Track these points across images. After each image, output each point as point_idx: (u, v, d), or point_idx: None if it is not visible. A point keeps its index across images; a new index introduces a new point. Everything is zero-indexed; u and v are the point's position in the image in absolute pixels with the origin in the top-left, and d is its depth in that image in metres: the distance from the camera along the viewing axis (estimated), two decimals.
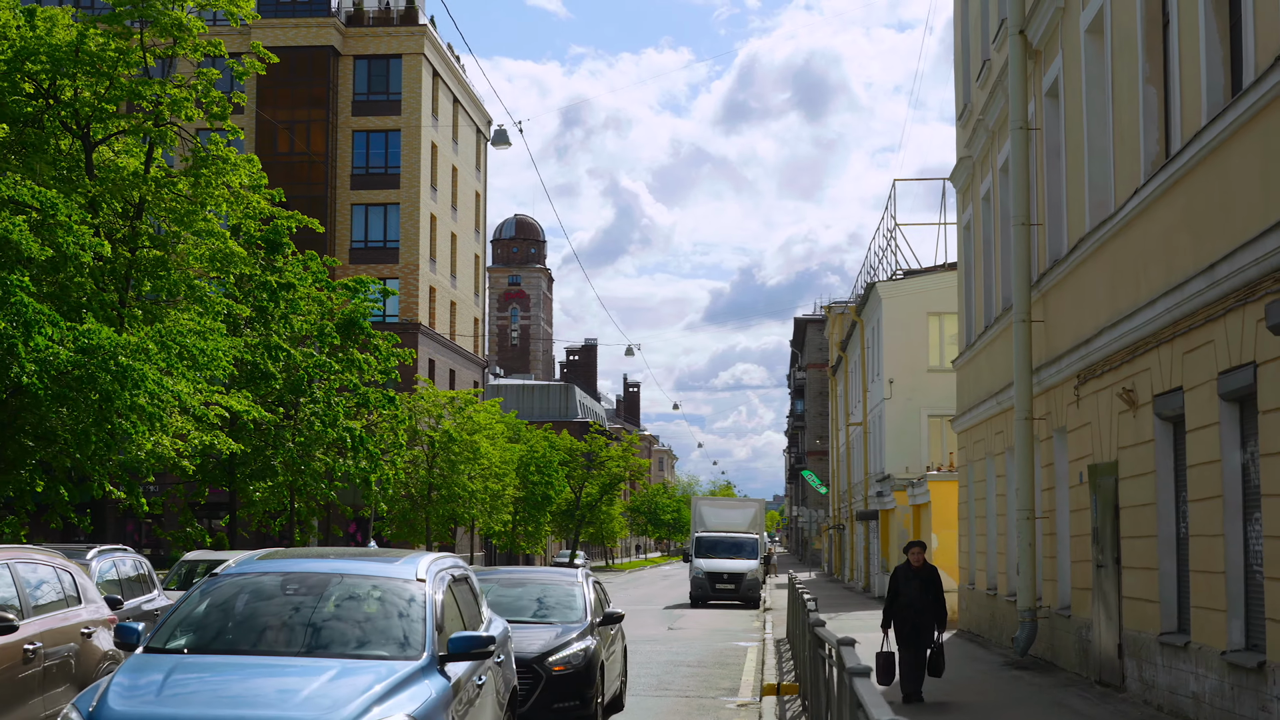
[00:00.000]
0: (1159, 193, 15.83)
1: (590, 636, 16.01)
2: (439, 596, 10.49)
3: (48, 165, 29.69)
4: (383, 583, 10.46)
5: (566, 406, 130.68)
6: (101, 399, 24.00)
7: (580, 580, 17.60)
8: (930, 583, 18.01)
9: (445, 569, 11.32)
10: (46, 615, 12.54)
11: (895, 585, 18.15)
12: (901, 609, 17.92)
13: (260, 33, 75.07)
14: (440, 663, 9.81)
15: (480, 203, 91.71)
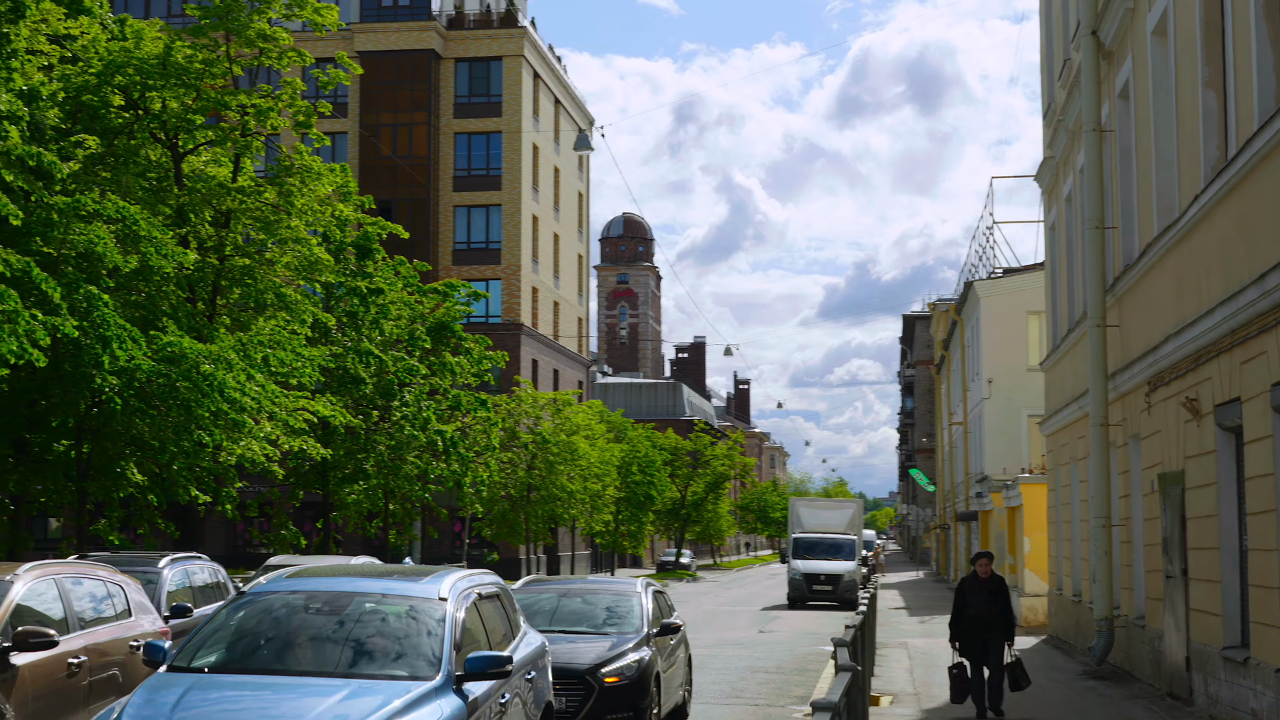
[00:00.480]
0: (1216, 199, 15.55)
1: (646, 647, 15.90)
2: (460, 615, 10.49)
3: (137, 177, 30.31)
4: (403, 602, 10.51)
5: (674, 405, 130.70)
6: (182, 408, 24.47)
7: (639, 591, 17.35)
8: (997, 594, 17.52)
9: (471, 587, 11.32)
10: (94, 629, 12.80)
11: (962, 597, 17.61)
12: (969, 622, 17.45)
13: (362, 37, 76.13)
14: (457, 682, 9.82)
15: (583, 203, 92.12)
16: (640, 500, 74.32)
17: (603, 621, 16.67)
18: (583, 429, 59.18)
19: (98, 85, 30.15)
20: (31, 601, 12.25)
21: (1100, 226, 22.22)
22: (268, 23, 32.06)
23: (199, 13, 32.09)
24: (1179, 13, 17.74)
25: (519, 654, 11.71)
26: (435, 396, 40.60)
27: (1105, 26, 22.28)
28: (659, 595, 18.04)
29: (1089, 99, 22.72)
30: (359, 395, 36.89)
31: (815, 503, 58.39)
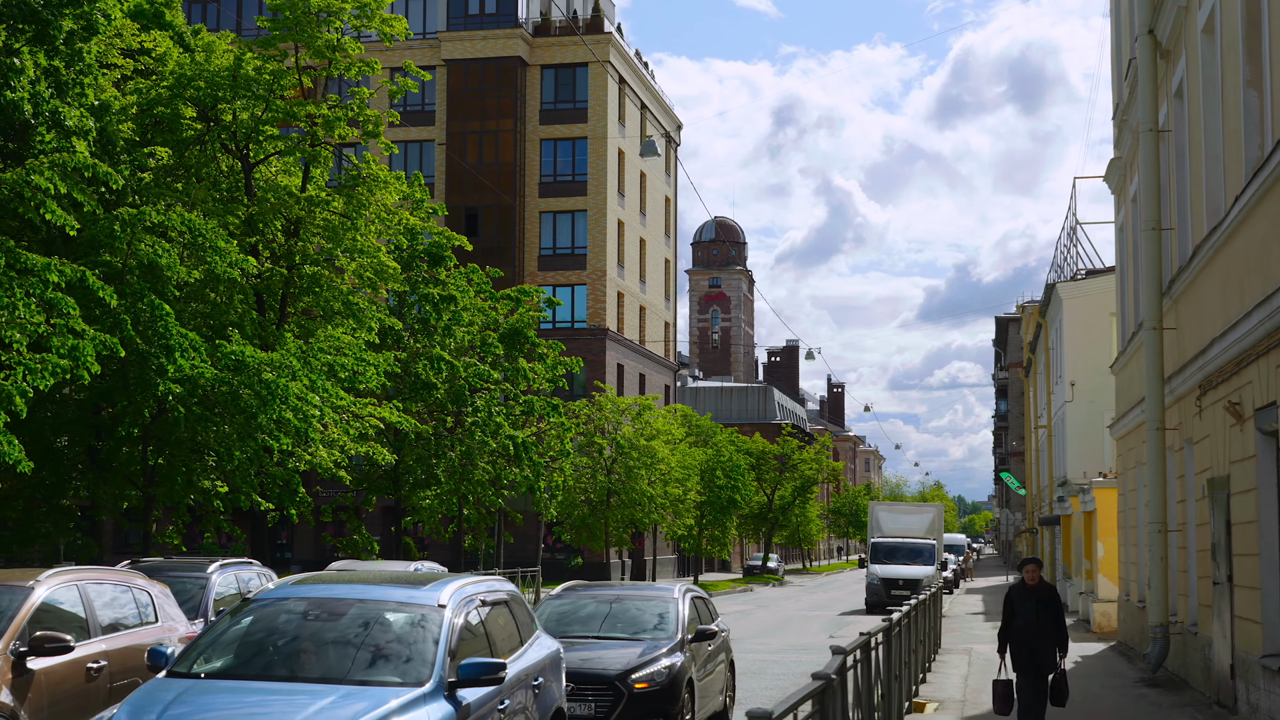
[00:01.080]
0: (1255, 199, 15.29)
1: (679, 653, 15.94)
2: (458, 622, 10.60)
3: (207, 187, 30.80)
4: (401, 609, 10.63)
5: (764, 409, 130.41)
6: (245, 415, 24.82)
7: (676, 597, 17.32)
8: (1047, 603, 16.60)
9: (475, 594, 11.42)
10: (115, 635, 13.05)
11: (1010, 606, 16.77)
12: (1018, 632, 16.56)
13: (449, 45, 76.76)
14: (450, 689, 9.92)
15: (670, 207, 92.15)
16: (724, 504, 74.07)
17: (637, 627, 16.70)
18: (663, 433, 59.10)
19: (170, 98, 30.68)
20: (53, 607, 12.51)
21: (1157, 228, 21.91)
22: (338, 34, 32.35)
23: (269, 24, 32.53)
24: (1224, 10, 17.46)
25: (526, 661, 11.79)
26: (508, 402, 40.80)
27: (1161, 25, 21.97)
28: (698, 601, 17.99)
29: (1146, 99, 22.44)
30: (431, 401, 37.15)
31: (895, 507, 58.01)
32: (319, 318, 32.37)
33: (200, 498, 28.18)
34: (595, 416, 56.99)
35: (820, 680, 8.90)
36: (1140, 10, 22.53)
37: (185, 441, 26.34)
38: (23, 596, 12.25)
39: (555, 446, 44.82)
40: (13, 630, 11.85)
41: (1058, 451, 55.58)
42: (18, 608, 12.11)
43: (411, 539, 47.77)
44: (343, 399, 28.58)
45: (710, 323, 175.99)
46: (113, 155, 28.69)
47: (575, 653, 15.35)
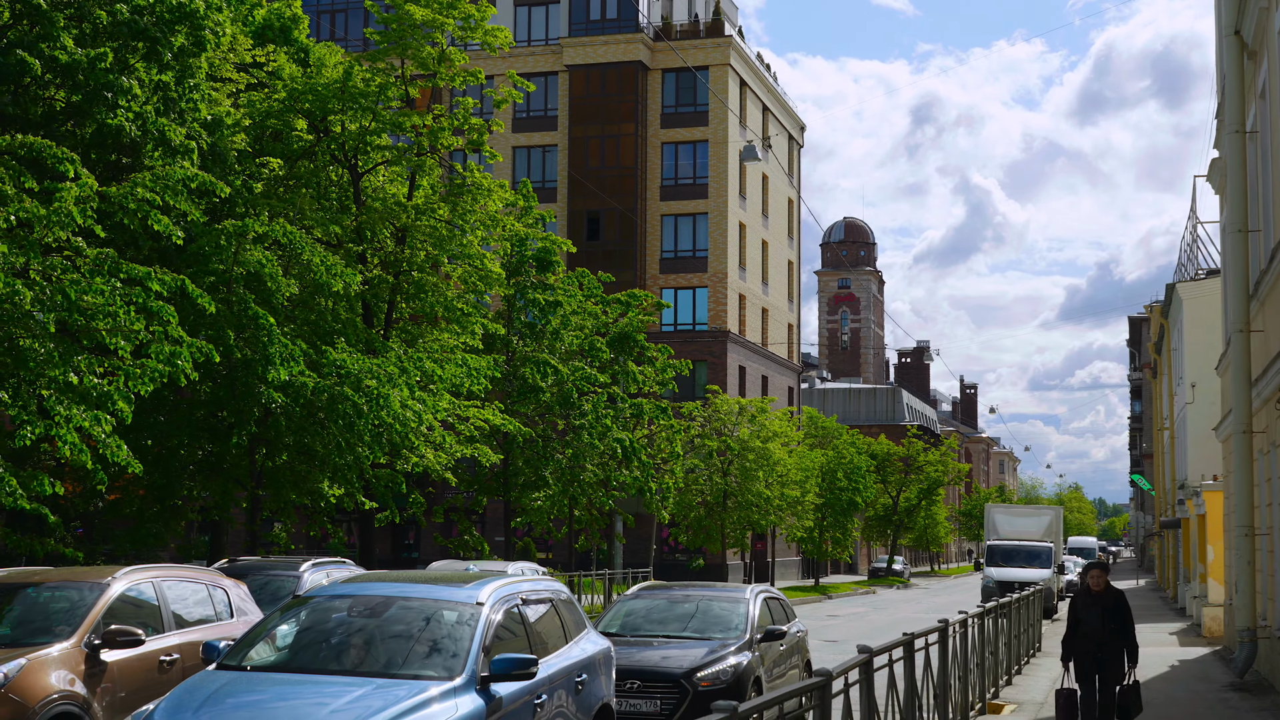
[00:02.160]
0: None
1: (747, 652, 16.10)
2: (495, 619, 10.99)
3: (314, 197, 31.71)
4: (439, 605, 11.05)
5: (893, 410, 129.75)
6: (346, 421, 25.59)
7: (747, 597, 17.43)
8: (1114, 611, 15.89)
9: (517, 593, 11.81)
10: (190, 629, 13.72)
11: (1075, 613, 16.10)
12: (1081, 640, 15.88)
13: (571, 51, 77.60)
14: (482, 683, 10.30)
15: (793, 209, 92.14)
16: (844, 506, 73.99)
17: (707, 627, 16.82)
18: (780, 435, 59.22)
19: (282, 110, 31.64)
20: (129, 603, 13.22)
21: (1244, 230, 21.77)
22: (441, 46, 33.10)
23: (378, 37, 33.37)
24: None
25: (568, 659, 12.10)
26: (616, 405, 41.31)
27: (1246, 25, 21.80)
28: (770, 602, 18.09)
29: (1233, 99, 22.28)
30: (538, 404, 37.80)
31: (1012, 509, 57.59)
32: (425, 323, 33.12)
33: (308, 500, 29.03)
34: (711, 418, 57.27)
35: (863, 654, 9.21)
36: (1227, 10, 22.37)
37: (291, 446, 27.18)
38: (98, 593, 12.99)
39: (665, 449, 45.22)
40: (87, 624, 12.57)
41: (1179, 454, 54.81)
42: (93, 603, 12.84)
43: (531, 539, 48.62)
44: (444, 405, 29.22)
45: (839, 324, 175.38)
46: (224, 167, 29.66)
47: (644, 651, 15.74)
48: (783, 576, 79.61)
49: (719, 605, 17.37)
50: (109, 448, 19.79)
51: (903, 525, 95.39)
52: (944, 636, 15.41)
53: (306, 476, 28.19)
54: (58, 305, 18.89)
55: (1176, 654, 30.20)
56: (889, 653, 12.42)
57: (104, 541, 34.10)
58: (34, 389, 19.24)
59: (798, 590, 69.12)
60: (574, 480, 39.76)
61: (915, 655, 13.41)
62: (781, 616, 18.25)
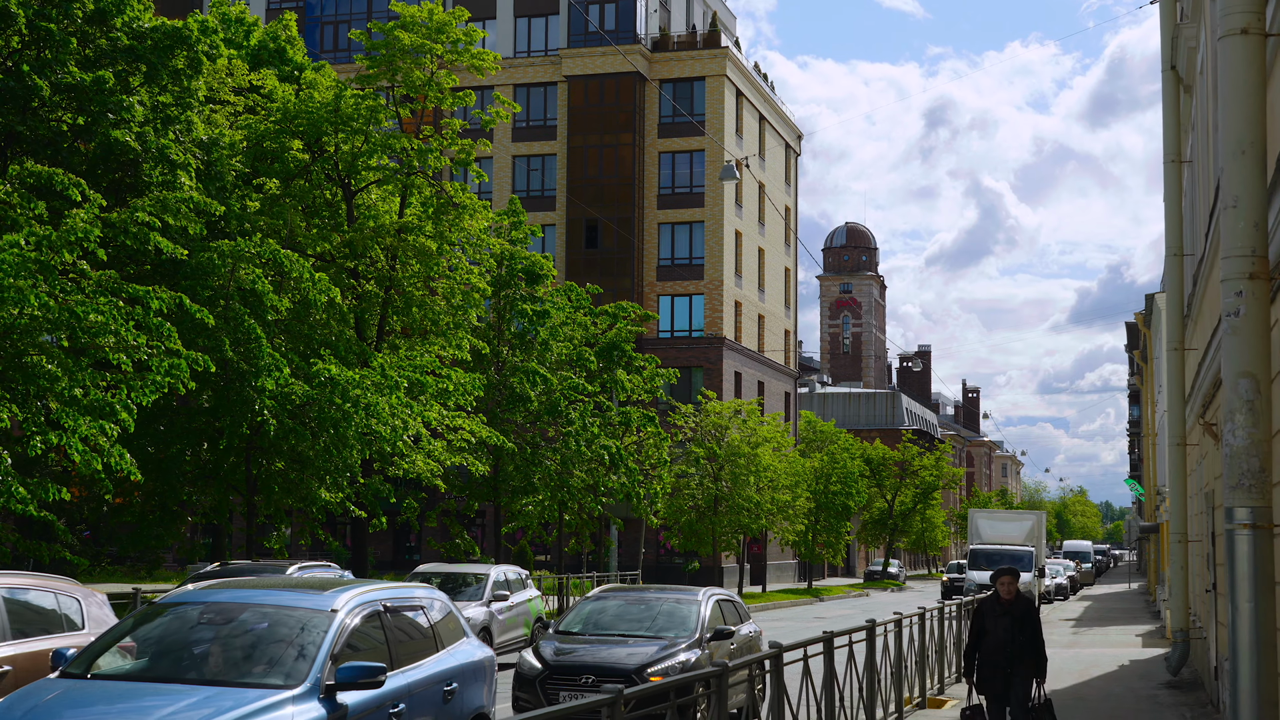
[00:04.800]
0: (1213, 241, 16.55)
1: (697, 650, 16.96)
2: (349, 625, 10.85)
3: (304, 215, 33.18)
4: (289, 613, 10.84)
5: (892, 414, 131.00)
6: (333, 429, 27.02)
7: (699, 599, 18.26)
8: (1024, 621, 14.74)
9: (377, 600, 11.57)
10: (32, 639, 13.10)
11: (980, 623, 14.86)
12: (988, 654, 14.67)
13: (570, 61, 78.98)
14: (328, 691, 10.13)
15: (791, 216, 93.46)
16: (838, 510, 75.32)
17: (660, 627, 17.73)
18: (770, 440, 60.51)
19: (277, 131, 33.08)
20: None
21: (1179, 254, 23.07)
22: (430, 71, 34.51)
23: (367, 63, 34.82)
24: (1206, 57, 18.67)
25: (436, 668, 11.98)
26: (604, 413, 42.71)
27: (1180, 61, 23.09)
28: (723, 604, 18.90)
29: (1170, 130, 23.58)
30: (527, 413, 39.23)
31: (995, 514, 58.95)
32: (415, 336, 34.56)
33: (299, 505, 30.42)
34: (702, 423, 58.57)
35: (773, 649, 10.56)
36: (1164, 47, 23.68)
37: (284, 452, 28.59)
38: None
39: (654, 455, 46.61)
40: None
41: (1160, 460, 56.10)
42: None
43: (527, 543, 50.05)
44: (433, 415, 30.58)
45: (841, 328, 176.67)
46: (222, 185, 31.13)
47: (599, 648, 16.82)
48: (778, 579, 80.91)
49: (672, 606, 18.23)
50: (113, 456, 21.16)
51: (898, 529, 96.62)
52: (870, 635, 16.71)
53: (299, 482, 29.54)
54: (65, 324, 20.27)
55: (1132, 654, 31.50)
56: (804, 648, 13.73)
57: (108, 544, 35.64)
58: (43, 402, 20.66)
59: (790, 593, 70.44)
60: (563, 486, 41.15)
61: (835, 652, 14.71)
62: (734, 618, 19.03)
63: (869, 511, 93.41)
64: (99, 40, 29.70)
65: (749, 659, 12.33)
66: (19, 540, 26.05)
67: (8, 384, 20.55)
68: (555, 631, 18.11)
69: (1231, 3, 8.76)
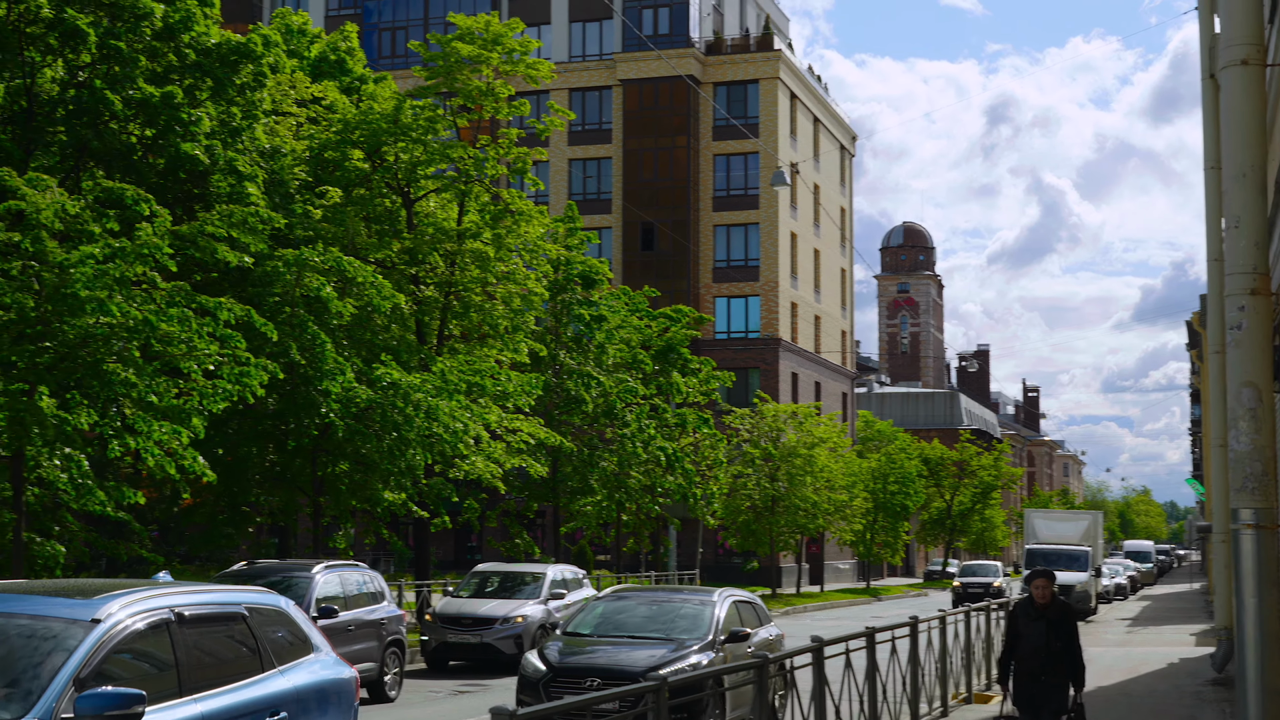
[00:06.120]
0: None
1: (709, 652, 16.41)
2: (116, 639, 8.78)
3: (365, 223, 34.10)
4: (42, 623, 8.82)
5: (951, 414, 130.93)
6: (396, 432, 27.87)
7: (714, 600, 17.63)
8: (1059, 625, 14.01)
9: (167, 606, 9.35)
10: None
11: (1014, 627, 14.26)
12: (1022, 660, 14.01)
13: (625, 66, 79.77)
14: None
15: (846, 217, 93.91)
16: (896, 510, 75.73)
17: (671, 629, 17.12)
18: (826, 441, 61.01)
19: (338, 142, 34.01)
20: None
21: (1219, 259, 23.50)
22: (487, 80, 35.35)
23: (425, 73, 35.71)
24: None
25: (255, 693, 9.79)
26: (660, 415, 43.45)
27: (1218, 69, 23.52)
28: (740, 605, 18.19)
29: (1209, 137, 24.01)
30: (583, 415, 40.05)
31: (1051, 514, 59.11)
32: (474, 340, 35.41)
33: (366, 505, 31.30)
34: (758, 425, 59.15)
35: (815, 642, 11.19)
36: (1204, 57, 24.08)
37: (348, 455, 29.46)
38: None
39: (709, 456, 47.27)
40: None
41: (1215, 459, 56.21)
42: None
43: (587, 543, 50.89)
44: (493, 417, 31.37)
45: (899, 328, 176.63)
46: (285, 196, 32.07)
47: (607, 651, 16.36)
48: (836, 579, 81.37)
49: (685, 608, 17.63)
50: (186, 459, 22.06)
51: (957, 529, 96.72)
52: (914, 631, 17.30)
53: (364, 484, 30.38)
54: (140, 333, 21.15)
55: (1183, 653, 31.89)
56: (846, 643, 14.35)
57: (178, 544, 36.69)
58: (118, 407, 21.57)
59: (848, 592, 70.94)
60: (620, 487, 41.93)
61: (877, 647, 15.33)
62: (752, 620, 18.30)
63: (927, 511, 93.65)
64: (167, 56, 30.67)
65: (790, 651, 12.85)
66: (97, 539, 27.08)
67: (86, 390, 21.46)
68: (563, 633, 17.62)
69: (1233, 34, 9.36)
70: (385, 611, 21.99)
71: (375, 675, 21.36)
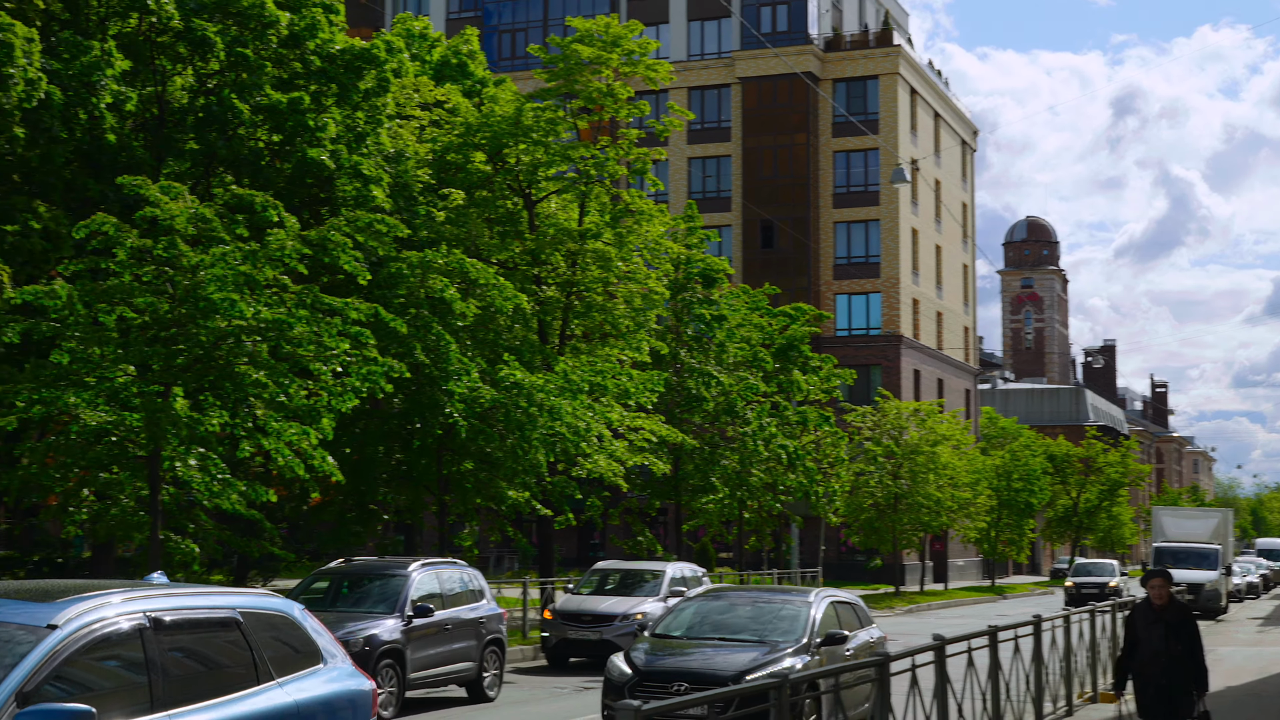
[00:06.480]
0: None
1: (804, 656, 15.64)
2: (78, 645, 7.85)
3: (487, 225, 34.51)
4: None
5: (1076, 410, 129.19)
6: (518, 431, 28.20)
7: (810, 601, 16.84)
8: (1179, 629, 13.32)
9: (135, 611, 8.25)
10: None
11: (1132, 630, 13.60)
12: (1142, 665, 13.37)
13: (743, 64, 79.75)
14: None
15: (968, 213, 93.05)
16: (1020, 508, 74.94)
17: (765, 631, 16.39)
18: (949, 438, 60.54)
19: (461, 144, 34.48)
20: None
21: None
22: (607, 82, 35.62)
23: (545, 76, 36.07)
24: None
25: (246, 708, 8.73)
26: (780, 413, 43.46)
27: None
28: (839, 605, 17.36)
29: None
30: (704, 413, 40.20)
31: (1179, 511, 58.19)
32: (595, 340, 35.71)
33: (488, 503, 31.69)
34: (879, 423, 58.85)
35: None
36: None
37: (473, 454, 29.84)
38: None
39: (831, 454, 47.19)
40: None
41: None
42: None
43: (709, 541, 51.03)
44: (614, 416, 31.60)
45: (1023, 323, 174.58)
46: (409, 198, 32.57)
47: (697, 654, 15.72)
48: (961, 577, 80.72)
49: (780, 609, 16.93)
50: (315, 459, 22.49)
51: (1084, 526, 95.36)
52: (1037, 629, 17.18)
53: (488, 483, 30.73)
54: (271, 335, 21.62)
55: None
56: (968, 641, 14.32)
57: (307, 542, 37.39)
58: (250, 409, 22.06)
59: (973, 590, 70.33)
60: (741, 485, 42.01)
61: (1000, 646, 15.26)
62: (851, 621, 17.45)
63: (1053, 509, 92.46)
64: (293, 63, 31.30)
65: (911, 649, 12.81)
66: (230, 537, 27.70)
67: (218, 392, 21.98)
68: (651, 635, 16.94)
69: None
70: (484, 610, 21.69)
71: (474, 675, 21.21)
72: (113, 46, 27.92)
